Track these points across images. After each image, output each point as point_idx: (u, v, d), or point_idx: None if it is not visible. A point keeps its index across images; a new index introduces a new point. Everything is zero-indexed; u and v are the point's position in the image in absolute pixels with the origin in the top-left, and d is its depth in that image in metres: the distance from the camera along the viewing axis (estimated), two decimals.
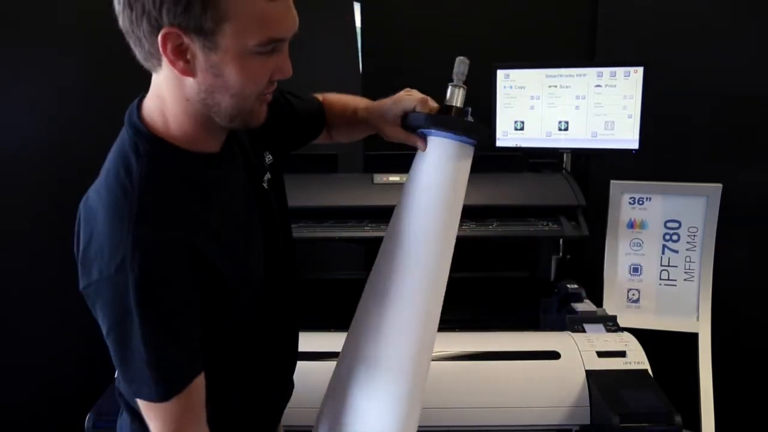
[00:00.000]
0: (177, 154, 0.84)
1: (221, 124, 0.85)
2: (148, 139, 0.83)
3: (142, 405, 0.83)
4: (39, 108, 1.88)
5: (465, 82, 0.98)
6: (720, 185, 1.89)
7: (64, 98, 1.88)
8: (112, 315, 0.79)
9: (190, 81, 0.80)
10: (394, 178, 1.86)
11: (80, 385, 1.53)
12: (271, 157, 1.04)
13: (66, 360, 1.93)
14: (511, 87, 1.98)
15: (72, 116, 1.89)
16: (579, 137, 1.97)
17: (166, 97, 0.83)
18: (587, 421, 1.43)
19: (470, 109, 0.96)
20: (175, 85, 0.81)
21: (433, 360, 1.50)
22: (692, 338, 1.94)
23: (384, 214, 1.80)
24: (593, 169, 2.20)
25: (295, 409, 1.13)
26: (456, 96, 0.97)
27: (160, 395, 0.81)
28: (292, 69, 0.84)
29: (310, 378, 1.16)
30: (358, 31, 2.37)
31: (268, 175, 1.01)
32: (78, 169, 0.90)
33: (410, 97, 1.02)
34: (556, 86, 1.95)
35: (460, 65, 0.97)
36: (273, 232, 0.99)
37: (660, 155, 2.20)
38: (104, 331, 0.81)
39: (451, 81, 0.98)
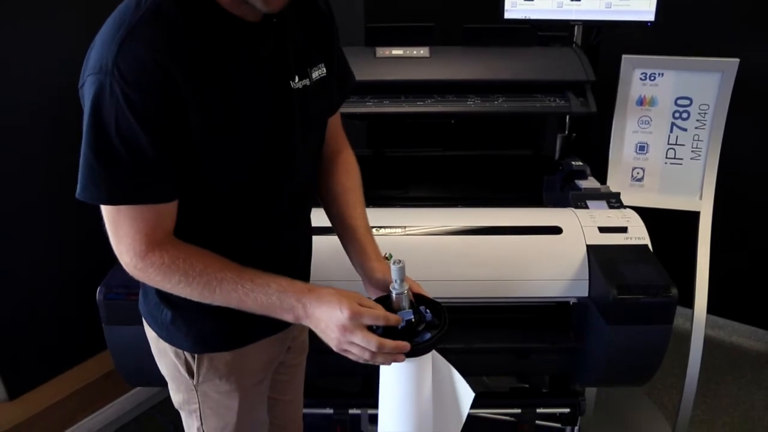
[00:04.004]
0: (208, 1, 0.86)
1: None
2: None
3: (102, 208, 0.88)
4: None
5: None
6: (737, 60, 1.81)
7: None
8: (87, 111, 0.82)
9: None
10: (397, 51, 1.79)
11: (91, 262, 1.57)
12: (324, 71, 1.03)
13: (75, 243, 1.97)
14: None
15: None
16: (592, 8, 1.86)
17: None
18: (585, 294, 1.47)
19: (411, 317, 0.96)
20: None
21: (435, 234, 1.52)
22: (693, 217, 1.95)
23: (386, 89, 1.76)
24: (604, 44, 2.11)
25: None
26: (404, 302, 0.97)
27: (102, 198, 0.85)
28: None
29: (322, 251, 1.21)
30: None
31: (305, 81, 0.99)
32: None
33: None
34: None
35: (398, 271, 0.95)
36: (285, 130, 0.97)
37: (675, 30, 2.10)
38: (83, 128, 0.84)
39: (394, 288, 0.96)
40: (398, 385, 0.99)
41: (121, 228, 0.88)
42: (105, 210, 0.88)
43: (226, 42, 0.88)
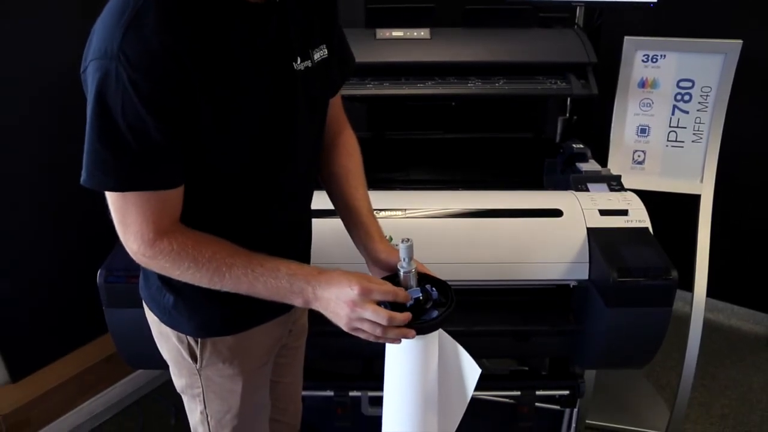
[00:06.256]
0: None
1: None
2: None
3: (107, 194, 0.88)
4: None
5: None
6: (740, 41, 1.80)
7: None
8: (92, 96, 0.81)
9: None
10: (397, 33, 1.78)
11: (91, 244, 1.56)
12: (325, 53, 1.02)
13: (75, 226, 1.96)
14: None
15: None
16: None
17: None
18: (585, 277, 1.47)
19: (419, 296, 0.97)
20: None
21: (436, 216, 1.52)
22: (694, 200, 1.94)
23: (387, 71, 1.75)
24: (606, 25, 2.10)
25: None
26: (412, 281, 0.98)
27: (110, 185, 0.84)
28: None
29: (322, 233, 1.21)
30: None
31: (308, 63, 0.98)
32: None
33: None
34: None
35: (407, 250, 0.96)
36: (287, 112, 0.97)
37: (677, 12, 2.08)
38: (87, 113, 0.82)
39: (402, 267, 0.97)
40: (405, 364, 1.00)
41: (128, 216, 0.87)
42: (111, 197, 0.87)
43: (231, 24, 0.87)
